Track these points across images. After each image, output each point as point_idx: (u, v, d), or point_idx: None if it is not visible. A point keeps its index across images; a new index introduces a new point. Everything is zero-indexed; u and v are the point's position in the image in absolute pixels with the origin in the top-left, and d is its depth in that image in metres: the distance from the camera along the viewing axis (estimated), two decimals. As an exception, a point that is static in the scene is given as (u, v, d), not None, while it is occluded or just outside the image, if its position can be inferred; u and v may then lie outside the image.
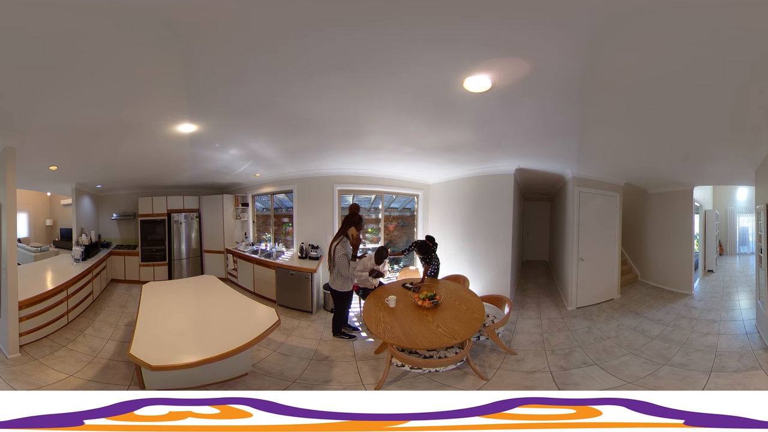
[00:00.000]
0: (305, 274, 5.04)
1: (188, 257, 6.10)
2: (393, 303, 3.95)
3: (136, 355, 2.80)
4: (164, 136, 3.94)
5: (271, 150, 4.87)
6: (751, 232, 5.19)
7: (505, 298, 4.20)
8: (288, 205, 6.07)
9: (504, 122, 3.58)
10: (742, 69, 2.43)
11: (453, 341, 3.26)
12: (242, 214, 6.34)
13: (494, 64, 2.56)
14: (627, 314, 4.75)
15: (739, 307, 4.59)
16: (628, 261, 5.65)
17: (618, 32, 2.17)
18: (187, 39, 2.29)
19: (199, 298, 4.33)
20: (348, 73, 2.71)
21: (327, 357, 3.91)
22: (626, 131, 3.63)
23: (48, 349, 3.90)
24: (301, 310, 5.03)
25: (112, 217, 6.13)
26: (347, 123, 3.74)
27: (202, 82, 2.83)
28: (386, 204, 5.95)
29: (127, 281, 5.89)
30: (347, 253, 4.19)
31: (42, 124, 3.46)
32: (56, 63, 2.47)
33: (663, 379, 3.40)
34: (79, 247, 5.48)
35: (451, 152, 4.69)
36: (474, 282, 4.97)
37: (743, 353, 3.68)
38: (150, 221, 5.98)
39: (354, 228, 4.26)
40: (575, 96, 2.90)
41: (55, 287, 4.36)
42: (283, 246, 6.04)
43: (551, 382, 3.44)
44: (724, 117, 3.11)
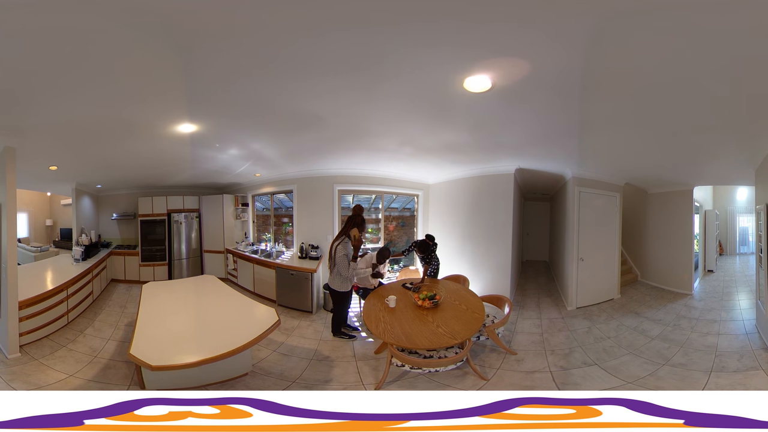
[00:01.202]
0: (305, 274, 5.04)
1: (188, 257, 6.10)
2: (393, 303, 3.96)
3: (136, 355, 2.80)
4: (164, 136, 3.94)
5: (272, 150, 4.87)
6: (751, 232, 5.19)
7: (505, 298, 4.20)
8: (288, 205, 6.07)
9: (504, 122, 3.58)
10: (743, 69, 2.43)
11: (453, 341, 3.27)
12: (242, 214, 6.34)
13: (494, 64, 2.56)
14: (627, 314, 4.75)
15: (739, 307, 4.59)
16: (628, 261, 5.65)
17: (618, 32, 2.17)
18: (189, 40, 2.29)
19: (199, 298, 4.34)
20: (349, 74, 2.72)
21: (327, 357, 3.91)
22: (626, 131, 3.62)
23: (48, 349, 3.90)
24: (301, 310, 5.03)
25: (112, 217, 6.13)
26: (347, 123, 3.74)
27: (202, 82, 2.83)
28: (386, 204, 5.95)
29: (127, 281, 5.89)
30: (348, 253, 4.21)
31: (42, 124, 3.45)
32: (57, 63, 2.47)
33: (663, 379, 3.40)
34: (79, 247, 5.48)
35: (451, 152, 4.68)
36: (474, 282, 4.97)
37: (743, 353, 3.68)
38: (150, 221, 5.98)
39: (356, 229, 4.28)
40: (575, 96, 2.90)
41: (55, 287, 4.35)
42: (283, 246, 6.04)
43: (551, 382, 3.44)
44: (724, 117, 3.11)
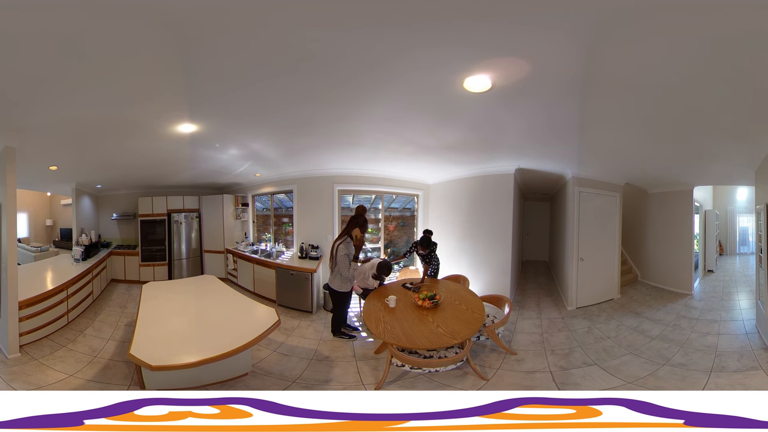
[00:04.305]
0: (305, 274, 5.04)
1: (188, 257, 6.10)
2: (393, 303, 3.96)
3: (136, 355, 2.80)
4: (164, 136, 3.94)
5: (272, 150, 4.87)
6: (751, 232, 5.19)
7: (505, 298, 4.20)
8: (288, 205, 6.07)
9: (504, 122, 3.58)
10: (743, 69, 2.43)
11: (453, 341, 3.26)
12: (242, 214, 6.34)
13: (494, 64, 2.56)
14: (627, 314, 4.74)
15: (739, 307, 4.58)
16: (628, 261, 5.65)
17: (618, 33, 2.17)
18: (189, 40, 2.29)
19: (199, 298, 4.33)
20: (349, 75, 2.72)
21: (327, 357, 3.91)
22: (626, 131, 3.62)
23: (48, 349, 3.90)
24: (301, 310, 5.02)
25: (112, 217, 6.12)
26: (348, 123, 3.74)
27: (202, 82, 2.83)
28: (386, 204, 5.95)
29: (127, 281, 5.89)
30: (349, 253, 4.21)
31: (42, 124, 3.45)
32: (58, 63, 2.47)
33: (663, 379, 3.40)
34: (79, 247, 5.48)
35: (451, 152, 4.68)
36: (474, 282, 4.97)
37: (743, 353, 3.68)
38: (150, 221, 5.98)
39: (358, 229, 4.28)
40: (575, 96, 2.90)
41: (55, 287, 4.35)
42: (283, 246, 6.04)
43: (551, 382, 3.44)
44: (724, 117, 3.11)
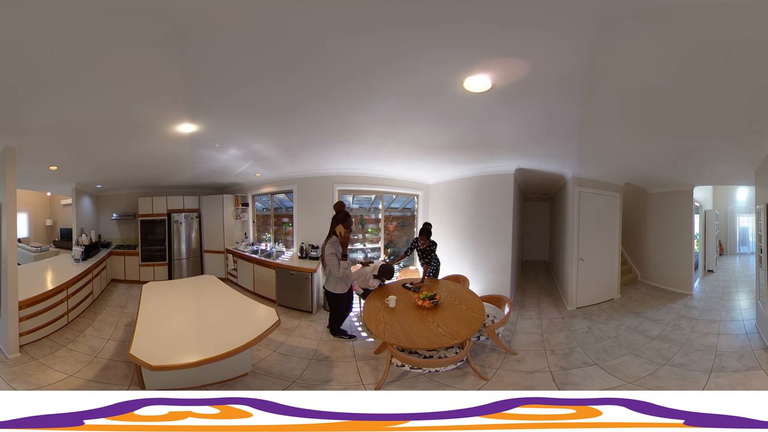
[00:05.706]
0: (305, 274, 5.04)
1: (188, 257, 6.10)
2: (393, 303, 3.96)
3: (136, 355, 2.80)
4: (165, 136, 3.94)
5: (272, 150, 4.87)
6: (751, 232, 5.19)
7: (505, 298, 4.19)
8: (288, 205, 6.07)
9: (504, 122, 3.58)
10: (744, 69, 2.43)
11: (453, 341, 3.26)
12: (242, 214, 6.34)
13: (494, 65, 2.56)
14: (627, 314, 4.74)
15: (739, 307, 4.58)
16: (628, 261, 5.65)
17: (618, 33, 2.17)
18: (189, 40, 2.29)
19: (199, 298, 4.33)
20: (350, 75, 2.72)
21: (327, 357, 3.91)
22: (626, 131, 3.63)
23: (48, 349, 3.90)
24: (301, 310, 5.02)
25: (112, 217, 6.12)
26: (348, 123, 3.74)
27: (202, 82, 2.83)
28: (386, 204, 5.95)
29: (127, 281, 5.88)
30: (336, 252, 4.08)
31: (42, 124, 3.45)
32: (58, 63, 2.47)
33: (663, 379, 3.40)
34: (79, 247, 5.47)
35: (452, 152, 4.68)
36: (474, 282, 4.96)
37: (743, 353, 3.68)
38: (150, 221, 5.98)
39: (341, 226, 4.12)
40: (575, 96, 2.90)
41: (55, 287, 4.35)
42: (283, 246, 6.04)
43: (551, 382, 3.44)
44: (725, 117, 3.11)
